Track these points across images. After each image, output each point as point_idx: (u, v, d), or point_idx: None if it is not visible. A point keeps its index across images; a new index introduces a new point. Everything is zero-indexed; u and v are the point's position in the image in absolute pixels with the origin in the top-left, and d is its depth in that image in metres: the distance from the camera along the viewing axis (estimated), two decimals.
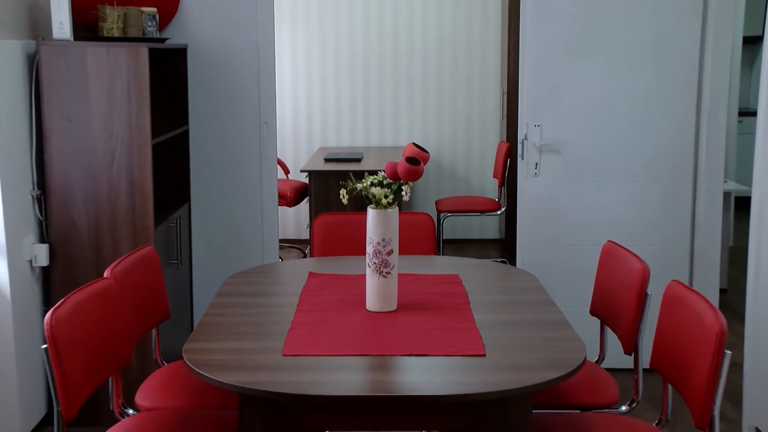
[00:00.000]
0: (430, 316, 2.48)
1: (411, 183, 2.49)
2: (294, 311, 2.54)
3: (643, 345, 2.69)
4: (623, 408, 2.63)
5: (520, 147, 4.10)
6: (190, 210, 4.29)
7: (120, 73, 3.38)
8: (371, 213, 2.46)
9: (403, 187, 2.51)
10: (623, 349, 2.66)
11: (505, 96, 6.46)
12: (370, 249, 2.48)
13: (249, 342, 2.29)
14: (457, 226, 7.25)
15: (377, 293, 2.50)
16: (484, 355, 2.18)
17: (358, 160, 5.91)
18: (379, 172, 3.82)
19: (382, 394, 1.96)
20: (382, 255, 2.46)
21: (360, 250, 3.44)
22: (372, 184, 2.51)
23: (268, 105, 4.28)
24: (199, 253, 4.35)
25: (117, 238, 3.49)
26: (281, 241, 7.20)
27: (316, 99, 7.10)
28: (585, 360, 2.22)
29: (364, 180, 2.53)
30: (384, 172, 2.50)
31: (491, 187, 7.16)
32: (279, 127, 7.13)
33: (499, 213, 5.89)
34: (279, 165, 6.74)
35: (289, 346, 2.24)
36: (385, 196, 2.47)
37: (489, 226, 7.25)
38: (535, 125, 4.06)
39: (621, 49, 4.00)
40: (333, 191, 5.53)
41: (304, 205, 7.21)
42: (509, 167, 6.04)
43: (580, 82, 4.03)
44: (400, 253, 3.37)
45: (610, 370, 4.09)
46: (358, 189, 2.51)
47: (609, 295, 2.83)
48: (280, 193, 6.02)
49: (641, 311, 2.61)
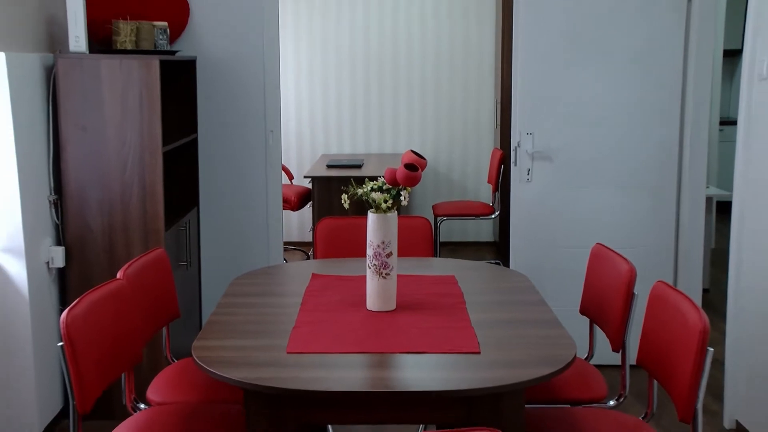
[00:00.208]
0: (427, 316, 2.48)
1: (409, 188, 2.50)
2: (298, 311, 2.54)
3: (630, 342, 2.69)
4: (611, 403, 2.65)
5: (513, 154, 4.13)
6: (199, 214, 4.30)
7: (132, 84, 3.42)
8: (371, 217, 2.47)
9: (401, 193, 2.51)
10: (611, 346, 2.68)
11: (499, 105, 6.45)
12: (370, 251, 2.49)
13: (255, 340, 2.29)
14: (453, 230, 7.27)
15: (377, 293, 2.51)
16: (479, 353, 2.18)
17: (359, 167, 5.91)
18: (378, 178, 3.74)
19: (382, 390, 1.97)
20: (381, 257, 2.47)
21: (361, 253, 3.45)
22: (372, 190, 2.51)
23: (273, 114, 4.30)
24: (207, 255, 4.36)
25: (129, 240, 3.53)
26: (285, 243, 7.19)
27: (319, 109, 7.13)
28: (575, 357, 2.22)
29: (364, 185, 2.53)
30: (383, 177, 2.51)
31: (486, 192, 7.17)
32: (283, 134, 7.14)
33: (493, 217, 5.91)
34: (283, 171, 6.73)
35: (293, 344, 2.25)
36: (385, 201, 2.47)
37: (484, 230, 7.27)
38: (527, 133, 4.10)
39: (609, 62, 4.04)
40: (335, 196, 5.51)
41: (308, 210, 7.20)
42: (503, 173, 6.04)
43: (570, 94, 4.07)
44: (399, 255, 3.39)
45: (598, 367, 4.13)
46: (359, 194, 2.53)
47: (598, 295, 2.84)
48: (284, 197, 6.02)
49: (628, 310, 2.62)
